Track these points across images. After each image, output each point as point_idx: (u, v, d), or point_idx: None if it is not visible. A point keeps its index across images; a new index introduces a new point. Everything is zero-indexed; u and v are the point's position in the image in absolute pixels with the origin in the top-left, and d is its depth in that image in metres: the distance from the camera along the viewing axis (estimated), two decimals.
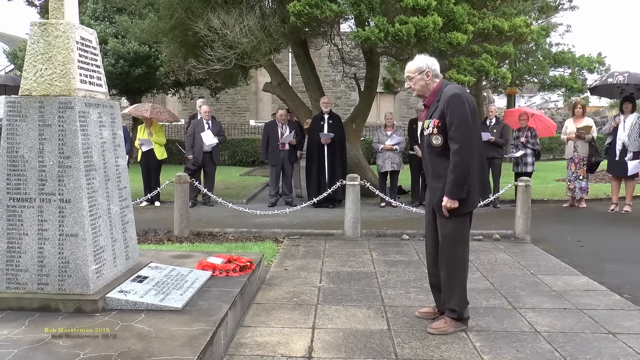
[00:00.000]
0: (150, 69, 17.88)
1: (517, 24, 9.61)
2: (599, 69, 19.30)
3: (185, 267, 4.87)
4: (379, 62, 11.79)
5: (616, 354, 3.81)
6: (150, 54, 17.35)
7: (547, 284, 5.48)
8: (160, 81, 18.93)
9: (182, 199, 7.76)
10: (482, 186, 4.28)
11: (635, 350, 3.88)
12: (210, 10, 9.56)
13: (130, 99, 19.89)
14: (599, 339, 4.08)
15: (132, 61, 17.48)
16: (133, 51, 17.15)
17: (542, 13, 20.66)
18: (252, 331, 4.17)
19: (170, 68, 12.95)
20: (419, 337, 4.08)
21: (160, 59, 15.55)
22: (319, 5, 8.56)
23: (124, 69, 17.43)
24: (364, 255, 6.68)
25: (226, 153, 21.45)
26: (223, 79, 15.65)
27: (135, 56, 17.34)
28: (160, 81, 18.94)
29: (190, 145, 10.52)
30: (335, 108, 24.11)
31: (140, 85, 18.97)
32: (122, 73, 17.55)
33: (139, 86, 19.03)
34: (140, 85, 18.88)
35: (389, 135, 10.54)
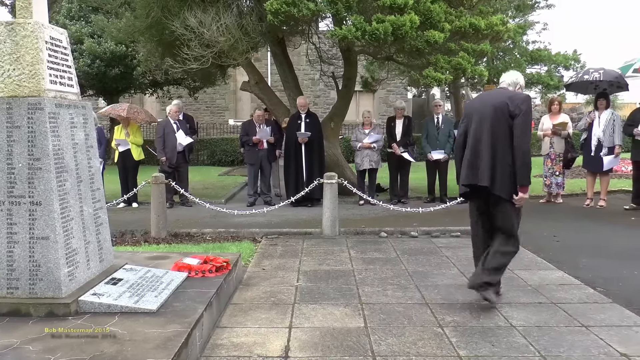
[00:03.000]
0: (127, 69, 17.71)
1: (494, 22, 9.66)
2: (575, 66, 19.52)
3: (161, 269, 4.83)
4: (357, 60, 11.80)
5: (588, 346, 3.86)
6: (127, 53, 17.17)
7: (523, 279, 5.54)
8: (137, 81, 18.76)
9: (159, 200, 7.69)
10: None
11: (606, 342, 3.94)
12: (187, 9, 9.49)
13: (107, 99, 19.69)
14: (572, 332, 4.14)
15: (109, 61, 17.30)
16: (109, 51, 16.98)
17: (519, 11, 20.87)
18: (228, 332, 4.14)
19: (147, 68, 12.83)
20: (395, 333, 4.09)
21: (137, 58, 15.41)
22: (296, 4, 8.54)
23: (100, 69, 17.24)
24: (341, 253, 6.68)
25: (205, 153, 21.33)
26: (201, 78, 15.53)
27: (111, 56, 17.16)
28: (138, 81, 18.77)
29: (162, 147, 10.41)
30: (315, 106, 24.18)
31: (117, 86, 18.79)
32: (99, 73, 17.37)
33: (116, 86, 18.84)
34: (117, 85, 18.70)
35: (367, 134, 10.56)
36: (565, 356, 3.71)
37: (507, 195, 4.56)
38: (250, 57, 11.10)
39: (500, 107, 4.55)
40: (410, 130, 10.83)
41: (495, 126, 4.55)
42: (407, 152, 10.49)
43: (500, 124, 4.53)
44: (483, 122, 4.61)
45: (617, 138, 9.77)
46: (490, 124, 4.57)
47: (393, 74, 15.98)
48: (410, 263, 6.18)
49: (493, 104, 4.61)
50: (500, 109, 4.54)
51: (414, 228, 7.86)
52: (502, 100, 4.58)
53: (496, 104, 4.58)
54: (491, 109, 4.59)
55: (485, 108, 4.65)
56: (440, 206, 8.51)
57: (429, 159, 10.62)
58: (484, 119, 4.61)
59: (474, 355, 3.72)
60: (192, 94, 20.43)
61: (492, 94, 4.84)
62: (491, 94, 4.85)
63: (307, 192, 8.58)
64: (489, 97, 4.78)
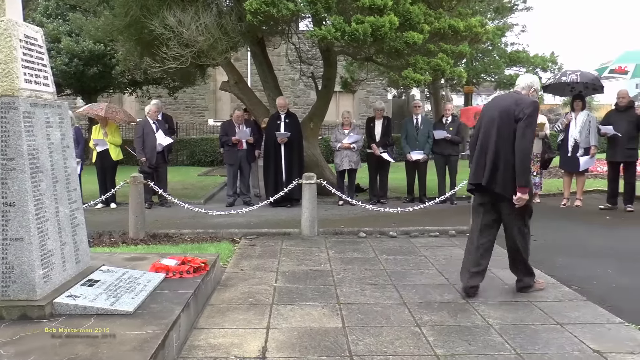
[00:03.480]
0: (106, 68, 17.52)
1: (473, 24, 9.75)
2: (552, 67, 19.79)
3: (138, 270, 4.78)
4: (337, 61, 11.82)
5: (562, 344, 3.92)
6: (105, 52, 16.98)
7: (501, 278, 5.59)
8: (116, 80, 18.56)
9: (137, 201, 7.63)
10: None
11: (580, 339, 4.00)
12: (166, 8, 9.43)
13: (85, 99, 19.47)
14: (547, 330, 4.19)
15: (87, 60, 17.10)
16: (88, 50, 16.77)
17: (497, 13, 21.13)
18: (205, 333, 4.13)
19: (126, 67, 12.71)
20: (373, 333, 4.11)
21: (116, 57, 15.24)
22: (275, 4, 8.53)
23: (78, 68, 17.04)
24: (320, 253, 6.68)
25: (184, 153, 21.20)
26: (180, 78, 15.47)
27: (90, 55, 16.96)
28: (117, 80, 18.58)
29: (141, 147, 10.33)
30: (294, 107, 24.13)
31: (95, 85, 18.58)
32: (77, 72, 17.16)
33: (95, 85, 18.63)
34: (95, 84, 18.49)
35: (346, 134, 10.59)
36: (540, 354, 3.75)
37: (510, 195, 4.78)
38: (230, 57, 11.06)
39: (507, 111, 4.80)
40: (390, 130, 10.88)
41: (501, 129, 4.79)
42: (387, 153, 10.53)
43: (505, 127, 4.78)
44: (490, 125, 4.88)
45: (592, 139, 9.93)
46: (497, 127, 4.82)
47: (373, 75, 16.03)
48: (388, 263, 6.20)
49: (500, 107, 4.88)
50: (506, 112, 4.79)
51: (393, 228, 7.90)
52: (509, 104, 4.83)
53: (503, 108, 4.85)
54: (498, 112, 4.86)
55: (493, 111, 4.93)
56: (419, 206, 8.56)
57: (408, 159, 10.67)
58: (492, 122, 4.88)
59: (451, 354, 3.75)
60: (172, 93, 20.29)
61: (503, 97, 5.11)
62: (502, 98, 5.12)
63: (286, 193, 8.57)
64: (498, 101, 5.07)
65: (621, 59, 11.23)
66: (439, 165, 10.77)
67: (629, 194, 9.81)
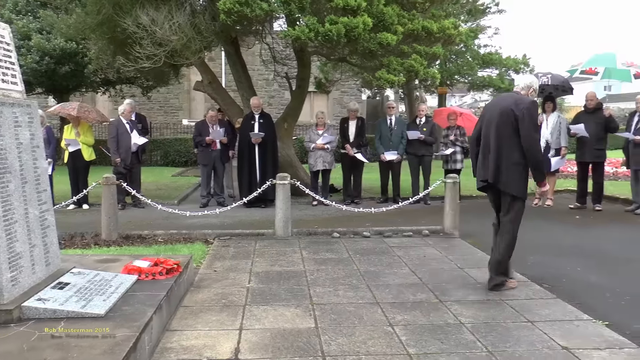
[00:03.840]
0: (78, 67, 17.22)
1: (446, 25, 9.84)
2: (524, 69, 20.06)
3: (110, 272, 4.72)
4: (310, 61, 11.83)
5: (533, 341, 3.98)
6: (77, 50, 16.69)
7: (473, 277, 5.65)
8: (89, 79, 18.28)
9: (110, 201, 7.54)
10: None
11: (549, 336, 4.07)
12: (139, 7, 9.34)
13: (57, 98, 19.15)
14: (518, 327, 4.25)
15: (59, 58, 16.80)
16: (59, 48, 16.48)
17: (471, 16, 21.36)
18: (178, 335, 4.10)
19: (98, 66, 12.55)
20: (346, 333, 4.12)
21: (89, 56, 15.02)
22: (249, 4, 8.50)
23: (49, 67, 16.73)
24: (294, 254, 6.68)
25: (158, 153, 21.00)
26: (154, 77, 15.34)
27: (61, 53, 16.66)
28: (89, 79, 18.29)
29: (116, 148, 10.21)
30: (269, 107, 24.10)
31: (67, 84, 18.28)
32: (48, 70, 16.85)
33: (67, 84, 18.33)
34: (67, 83, 18.19)
35: (320, 134, 10.60)
36: (511, 351, 3.80)
37: (512, 191, 5.04)
38: (204, 56, 11.01)
39: (506, 111, 5.00)
40: (364, 131, 10.93)
41: (501, 128, 5.02)
42: (361, 153, 10.57)
43: (505, 126, 5.00)
44: (491, 125, 5.12)
45: (563, 140, 10.11)
46: (497, 127, 5.04)
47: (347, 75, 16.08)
48: (362, 263, 6.22)
49: (500, 107, 5.10)
50: (506, 112, 5.00)
51: (367, 228, 7.92)
52: (508, 104, 5.04)
53: (502, 108, 5.06)
54: (498, 112, 5.08)
55: (493, 112, 5.15)
56: (393, 206, 8.60)
57: (382, 159, 10.73)
58: (492, 122, 5.11)
59: (423, 352, 3.78)
60: (145, 93, 20.08)
61: (503, 97, 5.36)
62: (502, 98, 5.37)
63: (260, 193, 8.54)
64: (499, 101, 5.31)
65: (591, 61, 11.46)
66: (412, 165, 10.84)
67: (598, 193, 10.01)
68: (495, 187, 5.14)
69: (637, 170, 9.40)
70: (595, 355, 3.75)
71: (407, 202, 8.84)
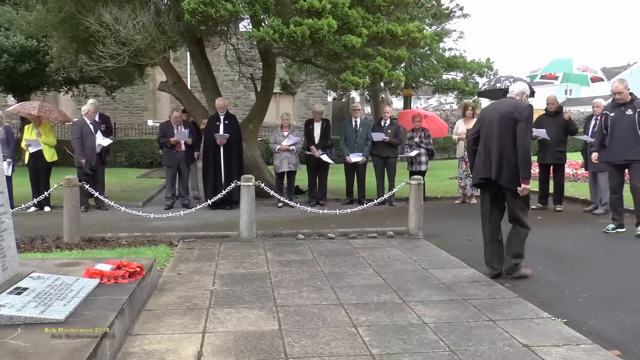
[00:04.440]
0: (39, 65, 16.85)
1: (411, 29, 9.92)
2: (488, 73, 20.41)
3: (71, 276, 4.62)
4: (276, 62, 11.82)
5: (494, 339, 4.05)
6: (38, 48, 16.35)
7: (437, 277, 5.71)
8: (50, 78, 17.89)
9: (72, 204, 7.39)
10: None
11: (510, 334, 4.14)
12: (102, 5, 9.20)
13: (17, 97, 18.74)
14: (480, 326, 4.32)
15: (18, 56, 16.41)
16: (19, 45, 16.10)
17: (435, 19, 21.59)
18: (141, 339, 4.04)
19: (60, 64, 12.29)
20: (309, 335, 4.11)
21: (50, 54, 14.72)
22: (213, 4, 8.44)
23: (8, 64, 16.34)
24: (258, 256, 6.65)
25: (123, 154, 20.72)
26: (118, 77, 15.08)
27: (21, 51, 16.28)
28: (51, 78, 17.90)
29: (80, 149, 10.03)
30: (235, 108, 23.99)
31: (28, 82, 17.89)
32: (7, 68, 16.46)
33: (27, 83, 17.94)
34: (28, 82, 17.80)
35: (285, 136, 10.59)
36: (473, 350, 3.86)
37: (513, 186, 5.56)
38: (168, 56, 10.91)
39: (507, 114, 5.54)
40: (329, 132, 10.96)
41: (502, 130, 5.54)
42: (326, 154, 10.60)
43: (506, 128, 5.53)
44: (492, 127, 5.62)
45: None
46: (498, 129, 5.56)
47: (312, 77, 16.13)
48: (326, 264, 6.23)
49: (500, 111, 5.63)
50: (507, 116, 5.53)
51: (332, 230, 7.94)
52: (508, 108, 5.58)
53: (503, 112, 5.59)
54: (499, 115, 5.60)
55: (494, 115, 5.67)
56: (358, 208, 8.65)
57: (347, 161, 10.77)
58: (493, 125, 5.62)
59: (386, 353, 3.80)
60: (110, 93, 19.77)
61: (501, 102, 5.92)
62: (500, 103, 5.93)
63: (225, 195, 8.50)
64: (498, 106, 5.86)
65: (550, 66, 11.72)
66: (377, 167, 10.91)
67: (559, 194, 10.23)
68: (496, 183, 5.63)
69: (595, 172, 9.64)
70: (554, 352, 3.83)
71: (372, 204, 8.89)
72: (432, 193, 11.85)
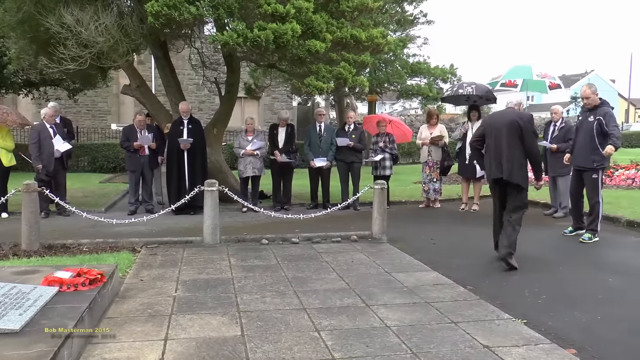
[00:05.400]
0: None
1: (374, 34, 9.99)
2: (452, 79, 20.65)
3: (28, 284, 4.51)
4: (240, 67, 11.77)
5: (456, 341, 4.11)
6: None
7: (400, 281, 5.76)
8: (9, 80, 17.36)
9: (31, 210, 7.22)
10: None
11: (472, 336, 4.22)
12: (63, 6, 9.01)
13: None
14: (442, 328, 4.38)
15: None
16: None
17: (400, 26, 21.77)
18: (101, 348, 3.97)
19: (19, 66, 12.01)
20: (272, 340, 4.11)
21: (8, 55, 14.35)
22: (177, 7, 8.36)
23: None
24: (222, 261, 6.60)
25: (86, 159, 20.28)
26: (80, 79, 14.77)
27: None
28: (9, 80, 17.39)
29: (37, 154, 9.79)
30: (200, 112, 23.83)
31: None
32: None
33: None
34: None
35: (250, 140, 10.55)
36: (435, 352, 3.91)
37: (522, 183, 6.47)
38: (132, 59, 10.75)
39: (513, 123, 6.48)
40: (293, 137, 10.96)
41: (510, 137, 6.46)
42: (290, 158, 10.61)
43: (514, 135, 6.45)
44: (501, 134, 6.52)
45: None
46: (508, 135, 6.47)
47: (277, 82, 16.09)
48: (290, 269, 6.22)
49: (507, 120, 6.55)
50: (513, 124, 6.47)
51: (296, 234, 7.92)
52: (513, 117, 6.54)
53: (510, 121, 6.52)
54: (506, 123, 6.52)
55: (501, 123, 6.58)
56: (322, 212, 8.68)
57: (311, 166, 10.79)
58: (502, 131, 6.52)
59: (348, 356, 3.82)
60: (72, 96, 19.32)
61: (504, 112, 6.83)
62: (505, 112, 6.83)
63: (189, 200, 8.43)
64: (503, 115, 6.79)
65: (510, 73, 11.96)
66: (341, 172, 10.94)
67: None
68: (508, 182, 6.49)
69: (554, 176, 9.85)
70: (514, 352, 3.92)
71: (337, 208, 8.91)
72: (397, 197, 11.95)
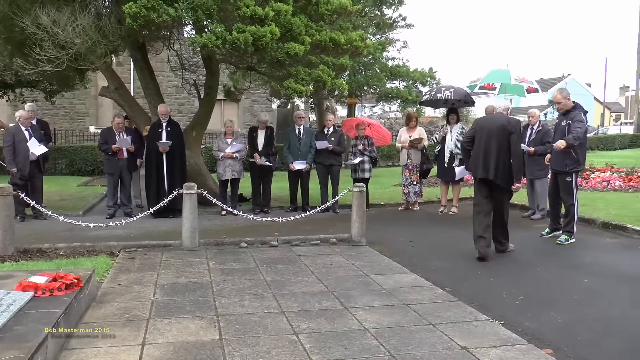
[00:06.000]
0: None
1: (354, 38, 10.01)
2: (431, 82, 20.81)
3: (2, 290, 4.45)
4: (219, 69, 11.73)
5: (434, 343, 4.14)
6: None
7: (379, 283, 5.78)
8: None
9: (6, 213, 7.12)
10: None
11: (450, 337, 4.26)
12: (39, 6, 8.87)
13: None
14: (421, 330, 4.40)
15: None
16: None
17: (379, 29, 21.87)
18: (77, 354, 3.92)
19: None
20: (250, 343, 4.10)
21: None
22: (155, 9, 8.30)
23: None
24: (200, 265, 6.57)
25: (63, 161, 20.03)
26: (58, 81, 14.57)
27: None
28: None
29: (12, 157, 9.64)
30: (179, 114, 23.68)
31: None
32: None
33: None
34: None
35: (229, 143, 10.51)
36: (413, 354, 3.93)
37: (506, 185, 6.95)
38: (110, 61, 10.66)
39: (502, 127, 6.95)
40: (273, 140, 10.94)
41: (499, 140, 6.89)
42: (269, 162, 10.59)
43: (502, 138, 6.90)
44: (491, 137, 6.94)
45: None
46: (497, 138, 6.90)
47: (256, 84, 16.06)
48: (269, 272, 6.21)
49: (497, 124, 7.01)
50: (502, 128, 6.93)
51: (274, 237, 7.91)
52: (503, 122, 7.03)
53: (499, 125, 6.99)
54: (496, 127, 6.96)
55: (492, 127, 7.02)
56: (302, 215, 8.68)
57: (290, 169, 10.78)
58: (492, 134, 6.94)
59: (327, 359, 3.84)
60: (49, 98, 19.04)
61: (494, 117, 7.39)
62: (494, 117, 7.41)
63: (168, 203, 8.38)
64: (493, 119, 7.32)
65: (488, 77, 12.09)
66: (321, 174, 10.95)
67: None
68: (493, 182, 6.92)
69: (532, 179, 9.95)
70: (491, 353, 3.96)
71: (316, 211, 8.92)
72: (376, 200, 11.98)
